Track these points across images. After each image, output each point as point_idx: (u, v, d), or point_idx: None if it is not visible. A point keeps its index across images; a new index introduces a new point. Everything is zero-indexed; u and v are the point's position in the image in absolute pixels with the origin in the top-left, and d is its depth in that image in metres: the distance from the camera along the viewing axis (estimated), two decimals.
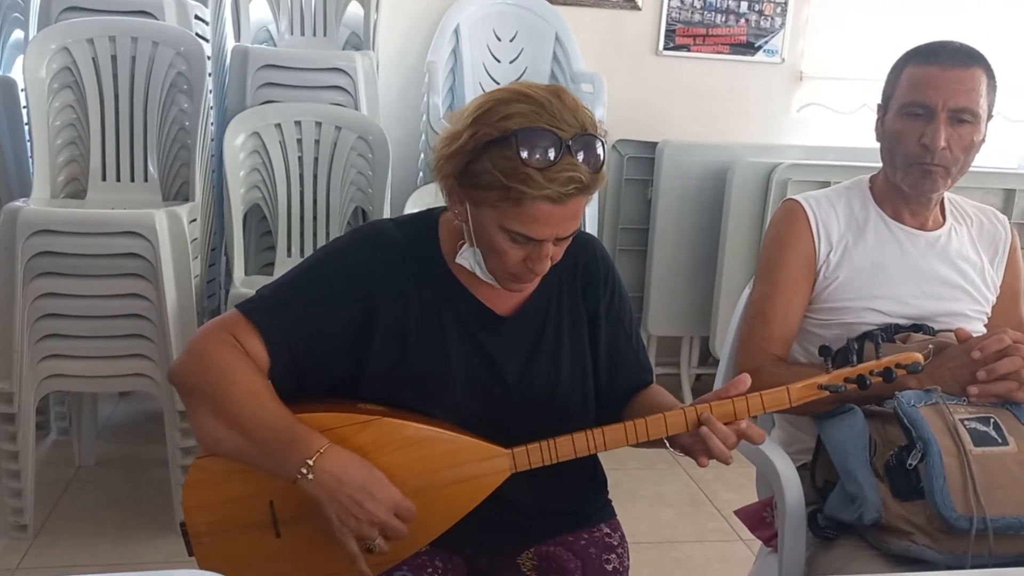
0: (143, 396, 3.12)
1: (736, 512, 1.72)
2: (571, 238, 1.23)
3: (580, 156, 1.14)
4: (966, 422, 1.37)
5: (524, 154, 1.12)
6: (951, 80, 1.50)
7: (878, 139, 1.62)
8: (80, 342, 2.34)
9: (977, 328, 1.60)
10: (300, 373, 1.26)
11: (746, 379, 1.23)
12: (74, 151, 2.66)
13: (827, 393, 1.27)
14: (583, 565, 1.35)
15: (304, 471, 1.15)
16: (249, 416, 1.18)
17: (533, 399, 1.32)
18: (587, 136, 1.15)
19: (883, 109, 1.61)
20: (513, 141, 1.13)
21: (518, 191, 1.13)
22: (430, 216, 1.34)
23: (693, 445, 1.24)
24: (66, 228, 2.26)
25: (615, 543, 1.41)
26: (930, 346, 1.44)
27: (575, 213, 1.18)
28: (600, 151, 1.16)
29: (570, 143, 1.13)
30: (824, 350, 1.32)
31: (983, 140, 1.55)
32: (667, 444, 1.27)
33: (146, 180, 2.68)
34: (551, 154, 1.13)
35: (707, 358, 3.63)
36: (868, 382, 1.27)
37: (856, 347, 1.50)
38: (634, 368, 1.41)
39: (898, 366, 1.28)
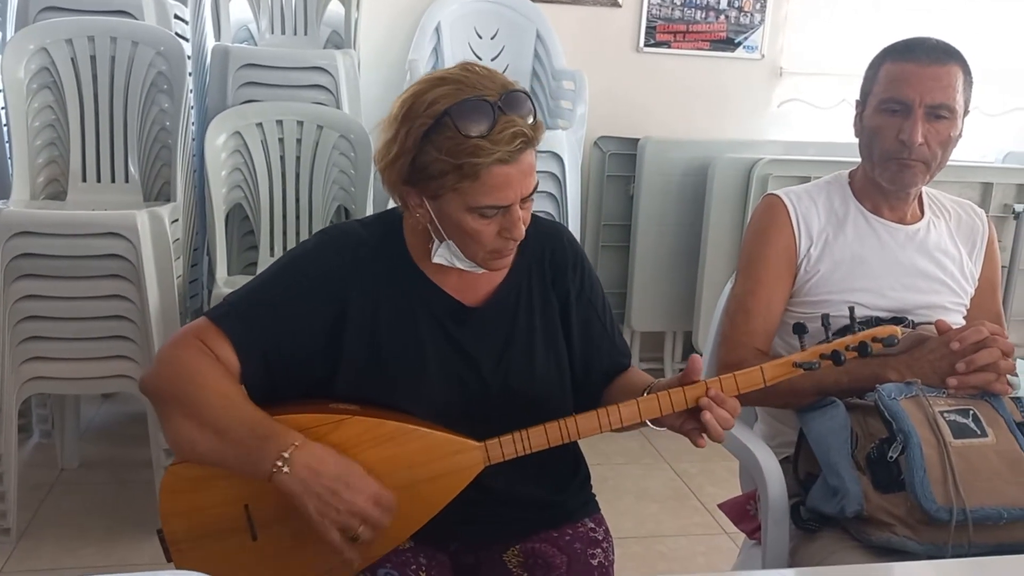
0: (126, 398, 3.10)
1: (720, 505, 1.73)
2: (533, 195, 1.23)
3: (513, 111, 1.16)
4: (946, 414, 1.39)
5: (462, 128, 1.14)
6: (928, 76, 1.52)
7: (857, 135, 1.63)
8: (62, 344, 2.33)
9: (956, 320, 1.62)
10: (273, 376, 1.26)
11: (698, 359, 1.24)
12: (54, 152, 2.64)
13: (802, 371, 1.27)
14: (568, 560, 1.36)
15: (280, 463, 1.14)
16: (222, 416, 1.18)
17: (510, 389, 1.33)
18: (511, 92, 1.18)
19: (861, 105, 1.62)
20: (448, 121, 1.15)
21: (470, 164, 1.15)
22: (395, 214, 1.34)
23: (684, 425, 1.25)
24: (47, 230, 2.25)
25: (600, 538, 1.41)
26: (910, 318, 1.44)
27: (530, 168, 1.20)
28: (529, 102, 1.19)
29: (499, 103, 1.16)
30: (798, 327, 1.32)
31: (960, 135, 1.57)
32: (648, 422, 1.26)
33: (127, 181, 2.67)
34: (487, 119, 1.15)
35: (691, 353, 3.64)
36: (843, 357, 1.27)
37: (832, 339, 1.51)
38: (610, 352, 1.42)
39: (874, 340, 1.28)
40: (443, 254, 1.27)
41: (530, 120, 1.18)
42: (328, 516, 1.15)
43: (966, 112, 1.57)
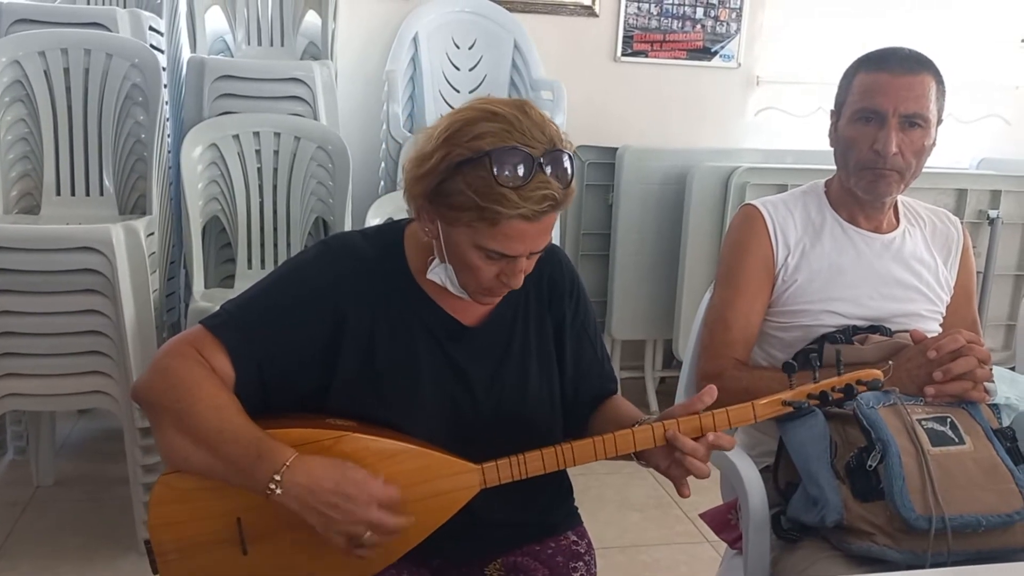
0: (102, 413, 3.06)
1: (701, 515, 1.73)
2: (543, 251, 1.24)
3: (551, 172, 1.15)
4: (923, 422, 1.40)
5: (498, 174, 1.12)
6: (901, 86, 1.53)
7: (832, 145, 1.65)
8: (37, 360, 2.30)
9: (932, 328, 1.63)
10: (267, 388, 1.25)
11: (713, 390, 1.23)
12: (27, 166, 2.62)
13: (791, 409, 1.28)
14: (550, 574, 1.36)
15: (273, 486, 1.14)
16: (215, 432, 1.17)
17: (502, 408, 1.33)
18: (556, 152, 1.16)
19: (836, 115, 1.64)
20: (487, 161, 1.13)
21: (493, 211, 1.14)
22: (397, 228, 1.33)
23: (669, 469, 1.25)
24: (20, 245, 2.22)
25: (582, 550, 1.41)
26: (890, 363, 1.46)
27: (547, 228, 1.20)
28: (568, 165, 1.17)
29: (541, 160, 1.14)
30: (788, 367, 1.32)
31: (933, 144, 1.58)
32: (635, 458, 1.28)
33: (102, 194, 2.65)
34: (524, 173, 1.13)
35: (671, 361, 3.66)
36: (830, 398, 1.29)
37: (817, 350, 1.52)
38: (599, 378, 1.42)
39: (859, 383, 1.29)
40: (438, 273, 1.26)
41: (566, 182, 1.17)
42: (331, 528, 1.15)
43: (939, 121, 1.59)
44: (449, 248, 1.22)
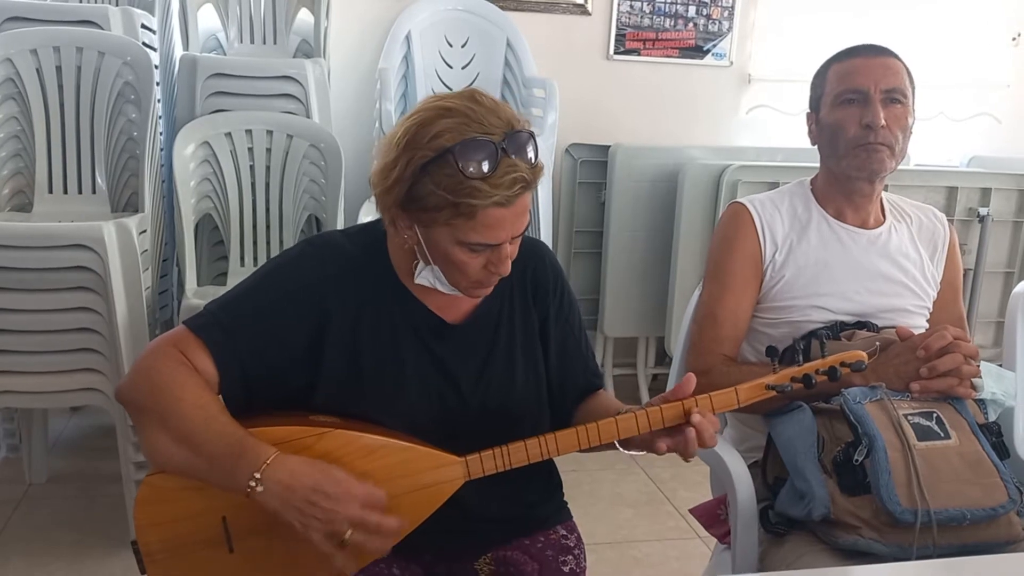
0: (95, 411, 3.07)
1: (691, 510, 1.74)
2: (525, 231, 1.24)
3: (516, 155, 1.15)
4: (910, 417, 1.41)
5: (464, 168, 1.13)
6: (877, 66, 1.59)
7: (814, 141, 1.67)
8: (29, 357, 2.30)
9: (919, 323, 1.65)
10: (251, 387, 1.26)
11: (692, 379, 1.25)
12: (19, 163, 2.62)
13: (774, 393, 1.29)
14: (540, 568, 1.36)
15: (253, 484, 1.14)
16: (198, 430, 1.18)
17: (488, 404, 1.33)
18: (516, 133, 1.17)
19: (814, 112, 1.66)
20: (451, 158, 1.13)
21: (468, 205, 1.14)
22: (379, 227, 1.33)
23: (652, 446, 1.25)
24: (12, 242, 2.22)
25: (571, 544, 1.42)
26: (876, 343, 1.48)
27: (524, 209, 1.20)
28: (531, 144, 1.18)
29: (504, 145, 1.15)
30: (771, 350, 1.34)
31: (913, 124, 1.62)
32: (619, 446, 1.28)
33: (94, 192, 2.65)
34: (489, 161, 1.14)
35: (663, 358, 3.67)
36: (814, 381, 1.30)
37: (802, 346, 1.53)
38: (584, 372, 1.43)
39: (843, 364, 1.31)
40: (426, 276, 1.27)
41: (531, 161, 1.17)
42: (311, 527, 1.15)
43: (913, 110, 1.62)
44: (432, 250, 1.22)
